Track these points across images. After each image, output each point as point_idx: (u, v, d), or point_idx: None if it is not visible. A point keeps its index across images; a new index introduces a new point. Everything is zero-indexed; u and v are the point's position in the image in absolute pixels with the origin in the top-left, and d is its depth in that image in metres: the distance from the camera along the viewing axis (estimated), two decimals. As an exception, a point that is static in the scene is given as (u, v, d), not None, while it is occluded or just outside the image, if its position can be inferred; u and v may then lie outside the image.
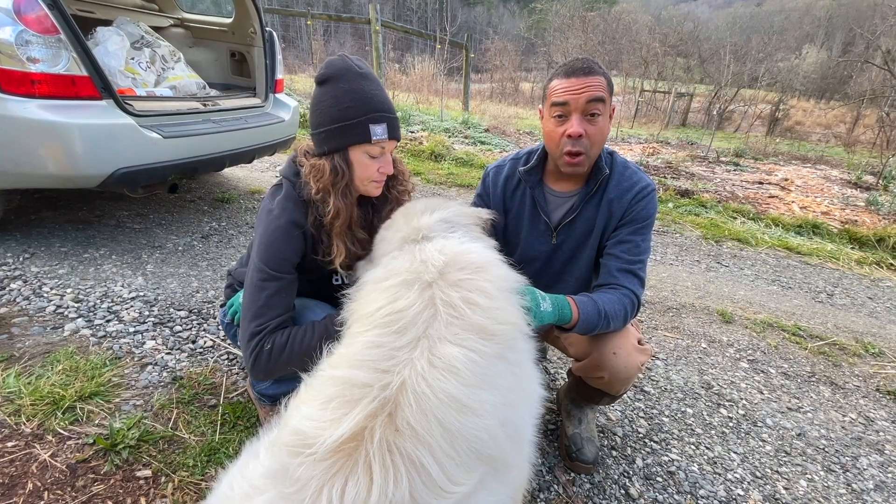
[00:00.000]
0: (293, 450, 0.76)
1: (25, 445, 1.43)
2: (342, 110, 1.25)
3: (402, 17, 44.02)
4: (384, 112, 1.28)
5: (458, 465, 0.77)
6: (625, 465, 1.70)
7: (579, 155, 1.37)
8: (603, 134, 1.39)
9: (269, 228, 1.28)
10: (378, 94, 1.29)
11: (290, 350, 1.22)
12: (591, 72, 1.35)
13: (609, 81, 1.38)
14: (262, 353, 1.22)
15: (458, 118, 8.71)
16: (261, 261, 1.26)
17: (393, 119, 1.31)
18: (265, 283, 1.25)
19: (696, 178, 6.78)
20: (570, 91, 1.34)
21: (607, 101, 1.37)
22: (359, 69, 1.29)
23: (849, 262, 4.24)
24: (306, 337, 1.23)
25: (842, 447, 1.94)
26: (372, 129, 1.26)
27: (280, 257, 1.27)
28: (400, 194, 1.50)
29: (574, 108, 1.34)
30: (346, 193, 1.31)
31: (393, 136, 1.31)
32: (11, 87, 2.05)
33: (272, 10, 11.56)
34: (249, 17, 3.55)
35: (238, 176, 4.42)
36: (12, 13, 1.99)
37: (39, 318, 2.04)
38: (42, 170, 2.20)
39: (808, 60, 25.62)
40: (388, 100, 1.33)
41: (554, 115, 1.39)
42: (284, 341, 1.22)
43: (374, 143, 1.28)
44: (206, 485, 1.39)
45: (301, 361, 1.19)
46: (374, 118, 1.26)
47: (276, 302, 1.25)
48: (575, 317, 1.27)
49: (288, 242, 1.28)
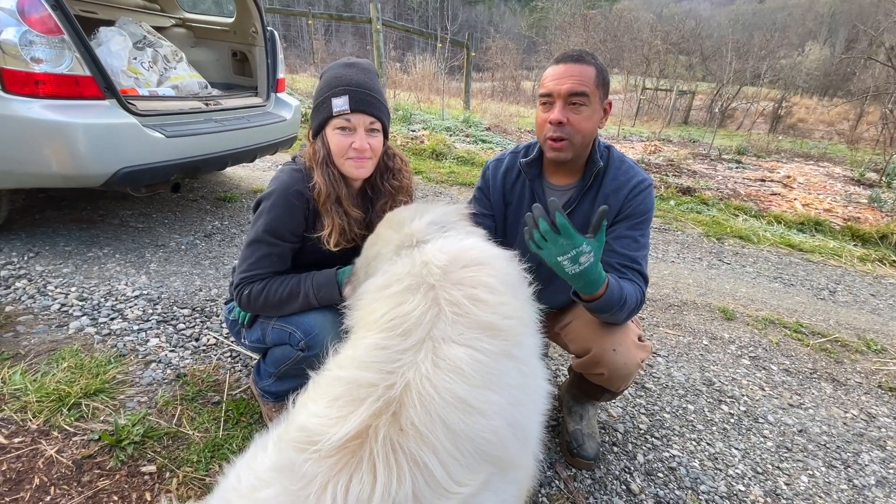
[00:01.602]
0: (299, 445, 0.77)
1: (32, 441, 1.45)
2: (317, 94, 1.37)
3: (403, 16, 43.96)
4: (348, 85, 1.31)
5: (463, 466, 0.78)
6: (626, 460, 1.71)
7: (561, 140, 1.40)
8: (587, 124, 1.40)
9: (274, 195, 1.38)
10: (352, 75, 1.33)
11: (265, 297, 1.38)
12: (579, 59, 1.38)
13: (600, 73, 1.39)
14: (242, 297, 1.40)
15: (460, 117, 8.70)
16: (262, 223, 1.38)
17: (358, 91, 1.31)
18: (259, 245, 1.38)
19: (697, 175, 6.77)
20: (555, 80, 1.39)
21: (592, 95, 1.38)
22: (346, 60, 1.37)
23: (851, 259, 4.23)
24: (280, 289, 1.38)
25: (843, 443, 1.94)
26: (333, 102, 1.31)
27: (279, 223, 1.37)
28: (395, 190, 1.51)
29: (557, 96, 1.38)
30: (327, 171, 1.37)
31: (358, 109, 1.32)
32: (15, 88, 2.06)
33: (273, 9, 11.57)
34: (251, 17, 3.56)
35: (240, 175, 4.43)
36: (16, 14, 2.00)
37: (44, 317, 2.06)
38: (46, 169, 2.22)
39: (810, 57, 25.50)
40: (364, 79, 1.34)
41: (542, 103, 1.45)
42: (262, 288, 1.38)
43: (336, 115, 1.32)
44: (209, 480, 1.40)
45: (276, 309, 1.40)
46: (335, 92, 1.31)
47: (265, 262, 1.39)
48: (602, 290, 1.25)
49: (287, 210, 1.37)
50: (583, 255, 1.14)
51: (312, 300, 1.38)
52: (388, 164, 1.51)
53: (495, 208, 1.63)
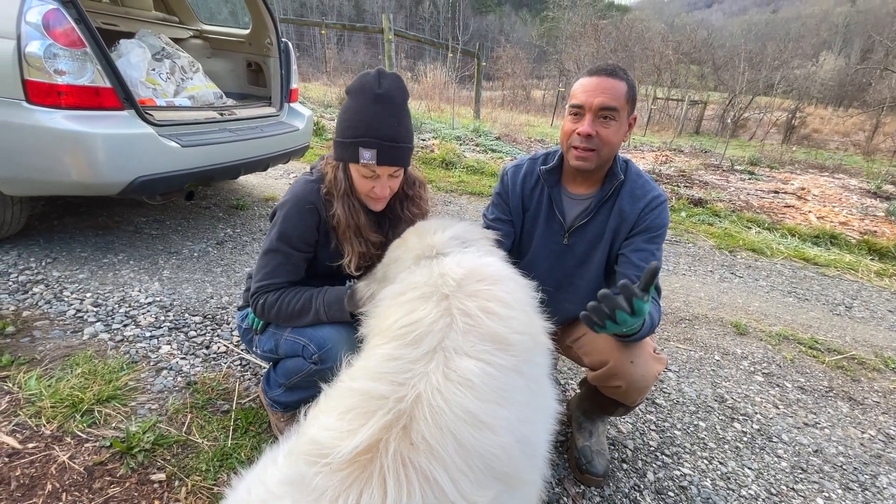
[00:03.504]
0: (310, 458, 0.77)
1: (45, 447, 1.47)
2: (345, 128, 1.33)
3: (415, 25, 44.47)
4: (377, 138, 1.28)
5: (472, 482, 0.77)
6: (636, 478, 1.68)
7: (588, 150, 1.42)
8: (615, 138, 1.41)
9: (288, 204, 1.41)
10: (382, 120, 1.29)
11: (278, 309, 1.41)
12: (613, 74, 1.40)
13: (630, 89, 1.41)
14: (257, 306, 1.44)
15: (469, 126, 8.75)
16: (276, 232, 1.41)
17: (387, 146, 1.29)
18: (274, 254, 1.41)
19: (709, 186, 6.71)
20: (587, 92, 1.40)
21: (622, 110, 1.39)
22: (377, 90, 1.29)
23: (868, 273, 4.15)
24: (293, 302, 1.40)
25: (860, 465, 1.89)
26: (360, 153, 1.30)
27: (293, 233, 1.40)
28: (414, 216, 1.52)
29: (588, 109, 1.40)
30: (348, 202, 1.39)
31: (384, 162, 1.31)
32: (39, 99, 2.12)
33: (287, 19, 11.79)
34: (266, 29, 3.63)
35: (252, 183, 4.49)
36: (41, 27, 2.06)
37: (60, 322, 2.10)
38: (66, 177, 2.27)
39: (825, 67, 25.25)
40: (392, 126, 1.30)
41: (571, 114, 1.46)
42: (275, 300, 1.41)
43: (362, 165, 1.32)
44: (218, 490, 1.41)
45: (288, 321, 1.42)
46: (364, 143, 1.29)
47: (280, 271, 1.42)
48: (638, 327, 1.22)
49: (301, 220, 1.40)
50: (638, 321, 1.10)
51: (322, 317, 1.39)
52: (409, 193, 1.54)
53: (514, 213, 1.64)
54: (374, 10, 52.98)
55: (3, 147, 2.21)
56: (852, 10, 35.10)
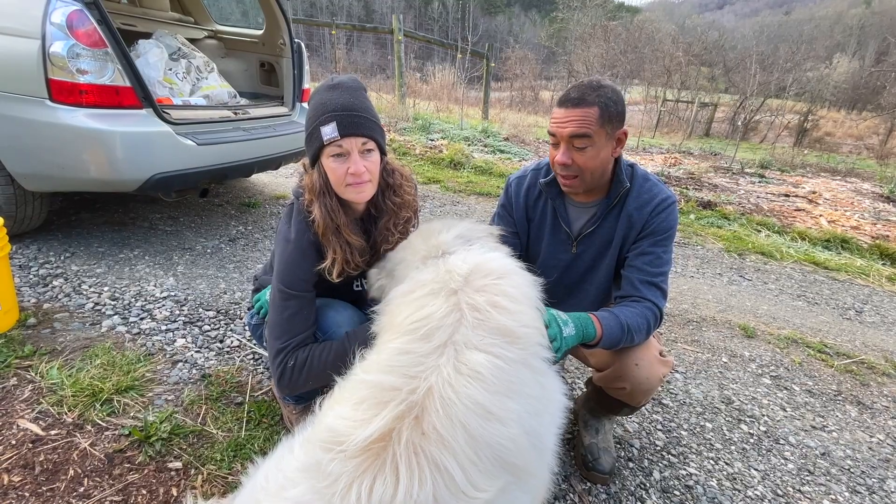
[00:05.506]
0: (326, 445, 0.80)
1: (67, 434, 1.52)
2: (306, 124, 1.34)
3: (424, 26, 44.57)
4: (334, 111, 1.26)
5: (482, 472, 0.80)
6: (641, 476, 1.70)
7: (571, 178, 1.44)
8: (593, 163, 1.40)
9: (286, 250, 1.36)
10: (336, 99, 1.27)
11: (309, 367, 1.32)
12: (580, 103, 1.35)
13: (604, 111, 1.34)
14: (286, 370, 1.32)
15: (478, 126, 8.77)
16: (280, 282, 1.35)
17: (344, 115, 1.26)
18: (286, 304, 1.34)
19: (719, 189, 6.67)
20: (557, 123, 1.40)
21: (596, 134, 1.36)
22: (331, 82, 1.32)
23: (879, 278, 4.11)
24: (324, 354, 1.33)
25: (868, 468, 1.89)
26: (322, 131, 1.27)
27: (298, 277, 1.35)
28: (397, 206, 1.47)
29: (560, 138, 1.41)
30: (325, 200, 1.34)
31: (347, 133, 1.27)
32: (62, 97, 2.18)
33: (298, 20, 11.89)
34: (279, 30, 3.69)
35: (264, 181, 4.56)
36: (65, 28, 2.12)
37: (79, 315, 2.15)
38: (85, 174, 2.33)
39: (838, 70, 24.90)
40: (350, 101, 1.28)
41: (551, 142, 1.47)
42: (305, 358, 1.32)
43: (327, 143, 1.28)
44: (232, 479, 1.45)
45: (319, 377, 1.32)
46: (322, 120, 1.27)
47: (298, 320, 1.35)
48: (598, 334, 1.28)
49: (303, 261, 1.36)
50: (564, 333, 1.19)
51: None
52: (389, 182, 1.47)
53: (518, 225, 1.66)
54: (383, 10, 53.20)
55: (26, 144, 2.28)
56: (867, 12, 34.62)
